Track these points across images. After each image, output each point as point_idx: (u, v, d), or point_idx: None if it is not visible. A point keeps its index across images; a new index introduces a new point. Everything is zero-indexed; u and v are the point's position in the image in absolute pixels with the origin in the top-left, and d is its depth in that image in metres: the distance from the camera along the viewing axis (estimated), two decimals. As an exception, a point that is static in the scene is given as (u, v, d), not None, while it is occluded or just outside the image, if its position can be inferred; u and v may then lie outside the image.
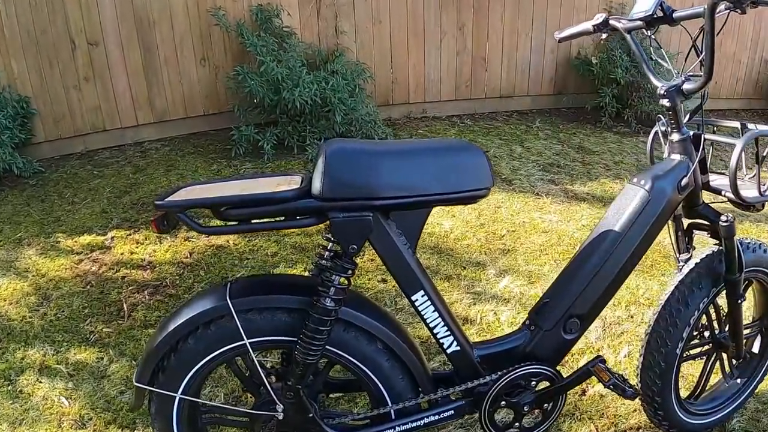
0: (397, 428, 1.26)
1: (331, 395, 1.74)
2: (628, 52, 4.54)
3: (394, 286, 2.34)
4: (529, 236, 2.88)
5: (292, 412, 1.24)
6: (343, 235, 1.14)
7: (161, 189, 3.30)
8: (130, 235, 2.76)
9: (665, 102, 1.37)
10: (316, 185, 1.09)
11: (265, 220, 1.13)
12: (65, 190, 3.34)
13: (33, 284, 2.42)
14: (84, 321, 2.20)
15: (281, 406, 1.22)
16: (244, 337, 1.16)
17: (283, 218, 1.14)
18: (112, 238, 2.75)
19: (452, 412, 1.31)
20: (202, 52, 4.00)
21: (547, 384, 1.39)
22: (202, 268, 2.51)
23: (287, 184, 1.14)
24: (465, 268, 2.58)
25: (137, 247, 2.66)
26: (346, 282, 1.18)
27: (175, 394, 1.20)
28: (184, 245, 2.68)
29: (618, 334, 2.13)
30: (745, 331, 1.63)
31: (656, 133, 1.49)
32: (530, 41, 4.70)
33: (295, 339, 1.19)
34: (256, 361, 1.21)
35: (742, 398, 1.70)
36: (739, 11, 1.24)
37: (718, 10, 1.23)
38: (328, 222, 1.14)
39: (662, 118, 1.46)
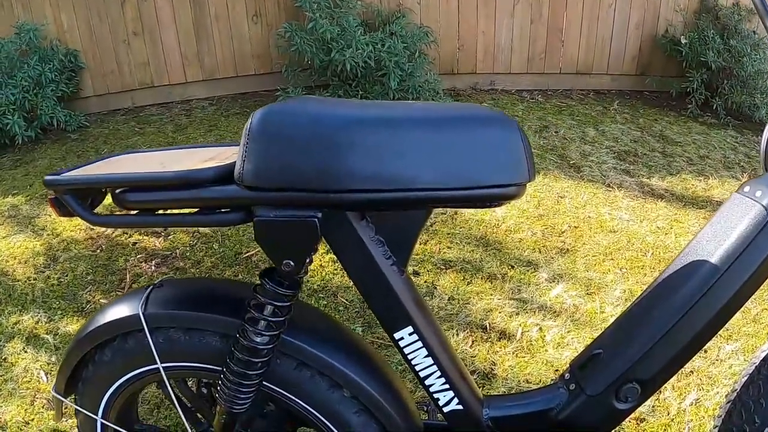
0: None
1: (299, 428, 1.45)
2: (722, 33, 3.97)
3: (427, 284, 2.07)
4: (594, 235, 2.52)
5: None
6: (273, 245, 0.78)
7: (197, 152, 3.12)
8: (153, 200, 2.59)
9: None
10: (237, 165, 0.75)
11: (176, 211, 0.82)
12: (103, 146, 3.22)
13: (45, 244, 2.30)
14: (84, 288, 2.06)
15: None
16: (157, 361, 0.89)
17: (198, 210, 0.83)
18: (134, 202, 2.59)
19: None
20: (254, 7, 3.76)
21: None
22: (217, 241, 2.31)
23: (220, 159, 0.83)
24: (513, 267, 2.26)
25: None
26: (283, 311, 0.85)
27: (95, 417, 0.97)
28: (203, 217, 2.49)
29: (686, 374, 1.76)
30: None
31: None
32: (613, 13, 4.20)
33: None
34: (172, 393, 0.95)
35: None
36: None
37: None
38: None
39: None
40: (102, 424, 0.97)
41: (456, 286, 2.13)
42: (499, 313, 2.00)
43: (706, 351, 1.85)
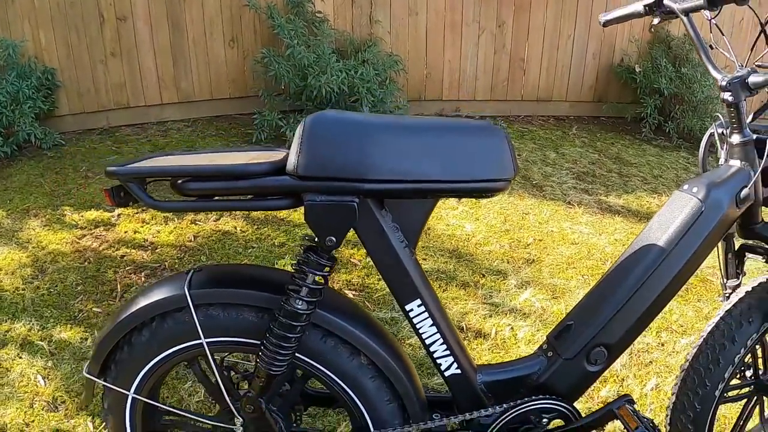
0: None
1: (311, 408, 1.57)
2: (674, 62, 4.29)
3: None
4: (557, 247, 2.70)
5: (252, 428, 1.09)
6: (320, 224, 0.97)
7: (177, 170, 3.19)
8: (137, 213, 2.66)
9: (727, 96, 1.14)
10: (291, 160, 0.93)
11: (231, 198, 0.98)
12: (81, 164, 3.26)
13: (31, 256, 2.33)
14: (75, 298, 2.10)
15: (240, 420, 1.08)
16: (201, 336, 1.02)
17: (252, 197, 0.98)
18: (119, 215, 2.65)
19: None
20: (231, 33, 3.90)
21: (561, 423, 1.19)
22: (204, 253, 2.39)
23: (266, 158, 0.98)
24: (484, 276, 2.41)
25: (142, 227, 2.55)
26: (322, 280, 1.02)
27: (128, 393, 1.06)
28: (189, 228, 2.56)
29: (646, 363, 1.93)
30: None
31: (712, 135, 1.29)
32: (572, 44, 4.49)
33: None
34: (215, 365, 1.06)
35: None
36: None
37: None
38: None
39: (720, 117, 1.26)
40: (133, 399, 1.06)
41: (432, 292, 2.26)
42: (474, 315, 2.13)
43: (663, 344, 2.02)
